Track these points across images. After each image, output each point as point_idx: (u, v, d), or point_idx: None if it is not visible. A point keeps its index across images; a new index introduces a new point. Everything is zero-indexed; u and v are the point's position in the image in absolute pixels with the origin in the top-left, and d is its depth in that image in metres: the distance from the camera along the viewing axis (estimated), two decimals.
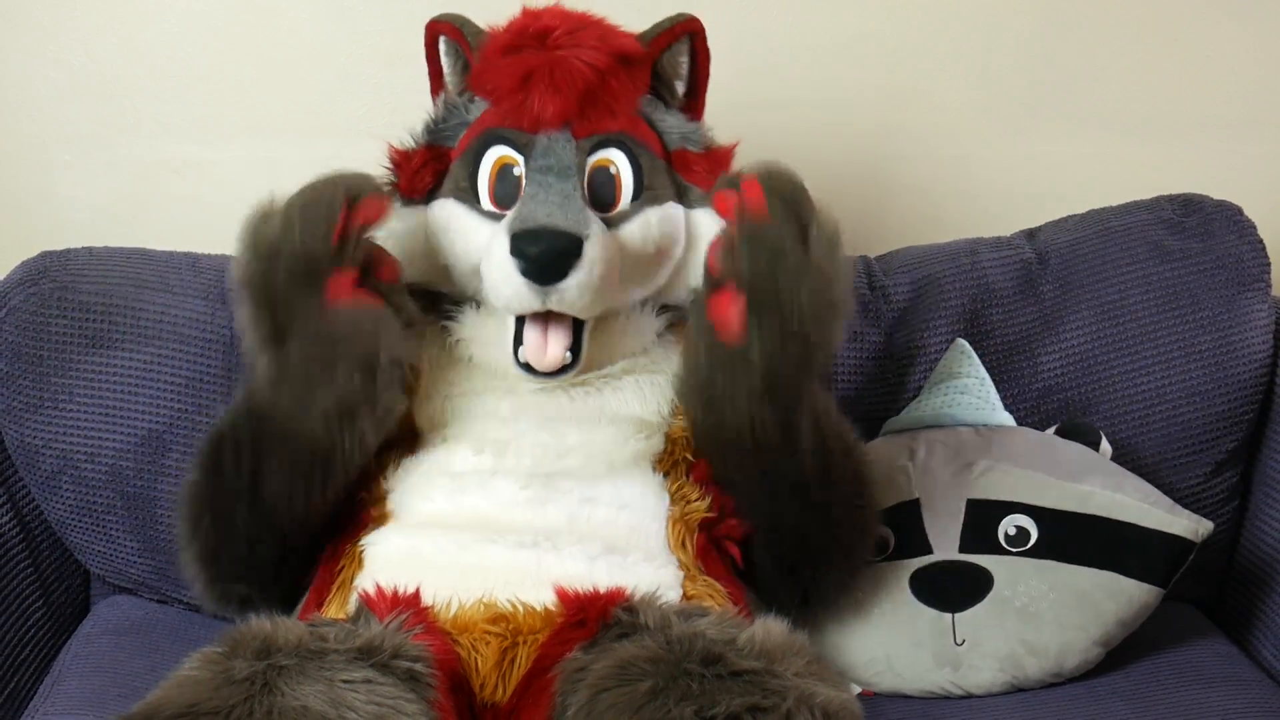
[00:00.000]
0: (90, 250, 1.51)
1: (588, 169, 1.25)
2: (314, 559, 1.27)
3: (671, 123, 1.32)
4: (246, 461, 1.19)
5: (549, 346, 1.22)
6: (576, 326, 1.23)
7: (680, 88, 1.34)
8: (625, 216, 1.26)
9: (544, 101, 1.24)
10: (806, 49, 1.73)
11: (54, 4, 1.70)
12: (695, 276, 1.30)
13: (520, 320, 1.24)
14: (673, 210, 1.29)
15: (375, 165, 1.35)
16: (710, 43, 1.33)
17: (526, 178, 1.24)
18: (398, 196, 1.33)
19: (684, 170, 1.31)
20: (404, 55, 1.40)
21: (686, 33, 1.32)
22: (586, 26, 1.27)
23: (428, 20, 1.35)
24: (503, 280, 1.19)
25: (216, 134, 1.74)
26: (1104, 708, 1.30)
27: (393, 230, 1.33)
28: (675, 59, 1.33)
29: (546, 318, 1.22)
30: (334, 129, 1.73)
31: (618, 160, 1.27)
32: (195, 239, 1.59)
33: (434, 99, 1.37)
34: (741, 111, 1.60)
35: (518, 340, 1.23)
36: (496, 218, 1.25)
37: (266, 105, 1.74)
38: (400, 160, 1.34)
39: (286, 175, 1.75)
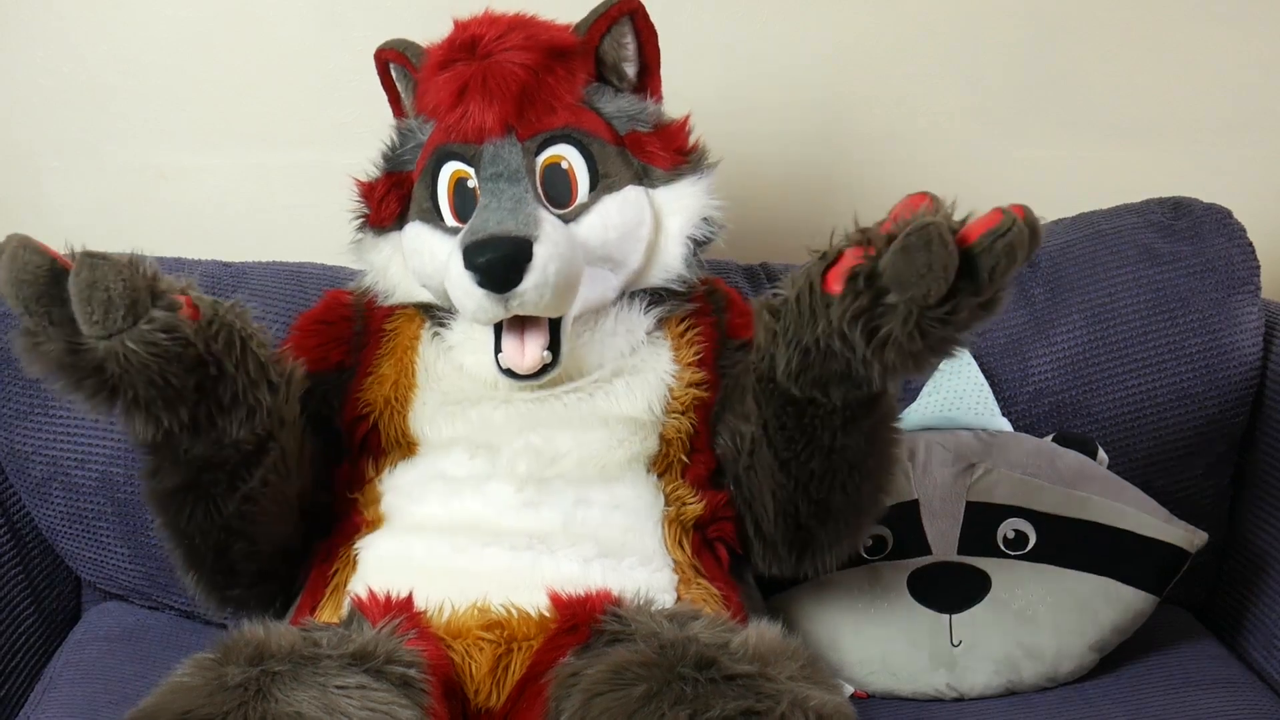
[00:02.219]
0: None
1: (539, 169, 1.25)
2: (305, 557, 1.28)
3: (618, 106, 1.31)
4: (165, 486, 1.18)
5: (526, 349, 1.22)
6: (555, 325, 1.23)
7: (629, 69, 1.33)
8: (583, 209, 1.26)
9: (482, 110, 1.24)
10: (796, 55, 1.73)
11: (43, 11, 1.70)
12: (670, 255, 1.30)
13: (499, 326, 1.23)
14: (632, 194, 1.28)
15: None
16: (700, 49, 1.33)
17: (480, 188, 1.24)
18: (369, 228, 1.34)
19: (639, 152, 1.30)
20: None
21: (624, 13, 1.30)
22: (515, 28, 1.27)
23: (375, 50, 1.36)
24: (464, 294, 1.19)
25: (205, 140, 1.74)
26: (1095, 711, 1.30)
27: (371, 262, 1.34)
28: (618, 42, 1.31)
29: (522, 321, 1.22)
30: (322, 136, 1.72)
31: (568, 155, 1.26)
32: (183, 245, 1.58)
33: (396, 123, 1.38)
34: (732, 118, 1.61)
35: (498, 347, 1.23)
36: (459, 233, 1.24)
37: (255, 112, 1.73)
38: (365, 192, 1.35)
39: (274, 181, 1.76)
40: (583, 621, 1.11)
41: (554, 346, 1.22)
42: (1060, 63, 1.75)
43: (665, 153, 1.31)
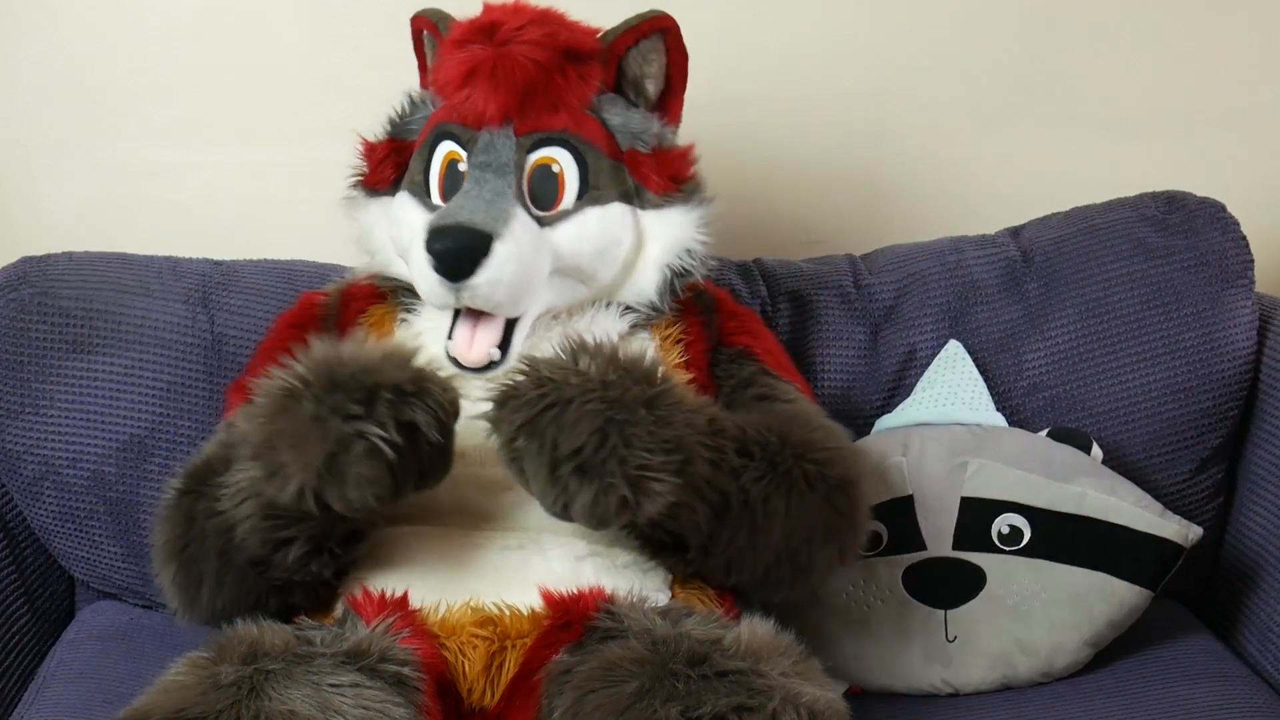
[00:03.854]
0: (70, 255, 1.51)
1: (528, 167, 1.24)
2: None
3: (624, 121, 1.29)
4: (217, 539, 1.16)
5: (475, 342, 1.21)
6: (512, 323, 1.23)
7: (651, 87, 1.32)
8: (563, 216, 1.25)
9: (484, 97, 1.23)
10: (790, 48, 1.73)
11: (34, 9, 1.70)
12: (645, 279, 1.29)
13: (456, 313, 1.23)
14: (616, 211, 1.27)
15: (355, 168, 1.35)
16: (693, 42, 1.32)
17: (468, 174, 1.24)
18: (362, 188, 1.34)
19: (634, 171, 1.29)
20: (386, 59, 1.39)
21: (655, 30, 1.29)
22: (538, 22, 1.26)
23: (410, 16, 1.36)
24: (420, 275, 1.19)
25: (197, 138, 1.74)
26: (1091, 705, 1.31)
27: (359, 221, 1.33)
28: (644, 56, 1.30)
29: (477, 313, 1.22)
30: (316, 132, 1.72)
31: (561, 159, 1.25)
32: (176, 243, 1.58)
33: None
34: (725, 111, 1.61)
35: (450, 334, 1.23)
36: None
37: (248, 109, 1.73)
38: (367, 151, 1.34)
39: (268, 179, 1.76)
40: (575, 619, 1.11)
41: (505, 344, 1.22)
42: (1054, 56, 1.75)
43: (658, 177, 1.29)
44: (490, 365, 1.21)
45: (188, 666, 1.05)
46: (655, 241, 1.29)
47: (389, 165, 1.32)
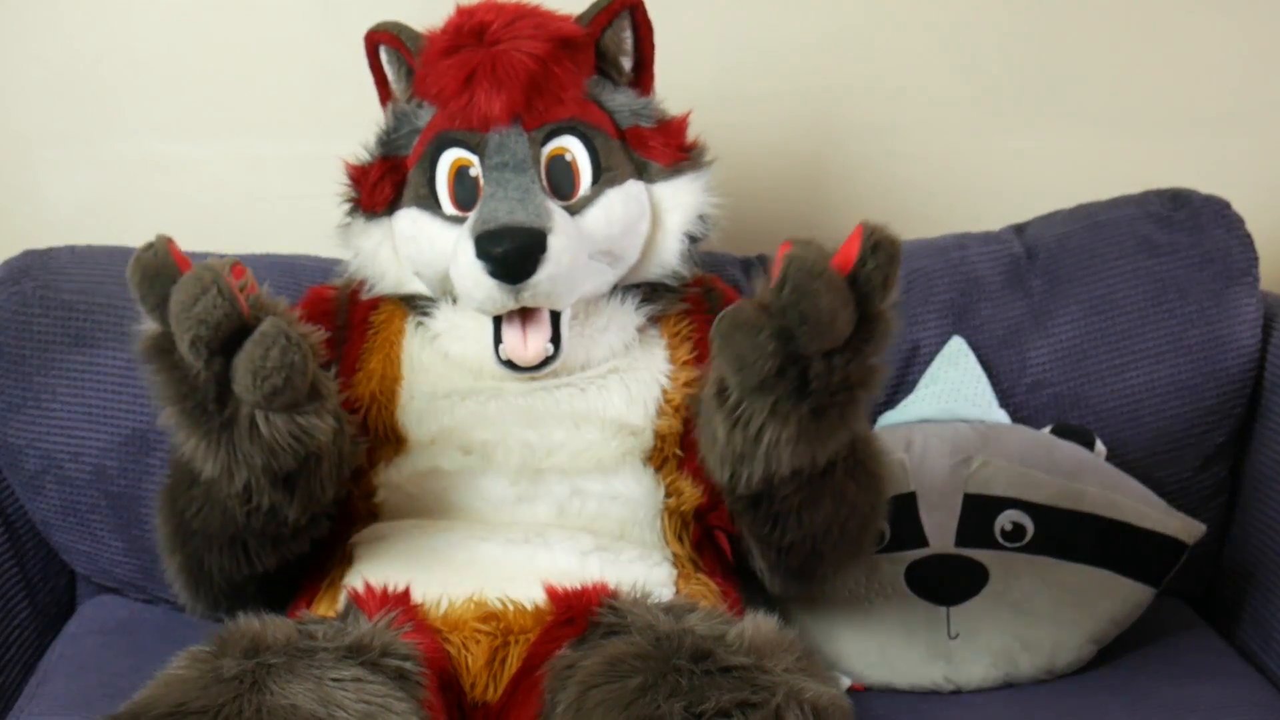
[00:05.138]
0: (73, 249, 1.51)
1: (544, 159, 1.25)
2: (303, 568, 1.27)
3: (621, 101, 1.31)
4: (199, 524, 1.18)
5: (529, 341, 1.21)
6: (554, 316, 1.23)
7: (626, 63, 1.33)
8: (587, 202, 1.25)
9: (490, 98, 1.23)
10: (792, 44, 1.73)
11: (37, 1, 1.69)
12: (668, 251, 1.31)
13: (498, 318, 1.23)
14: (633, 188, 1.28)
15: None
16: (696, 39, 1.32)
17: (484, 177, 1.24)
18: (360, 213, 1.33)
19: (640, 147, 1.30)
20: None
21: (625, 7, 1.30)
22: (523, 16, 1.26)
23: (365, 32, 1.35)
24: (473, 284, 1.18)
25: (200, 131, 1.74)
26: (1093, 702, 1.30)
27: (359, 248, 1.33)
28: (618, 35, 1.31)
29: (524, 312, 1.22)
30: (318, 126, 1.72)
31: (572, 147, 1.26)
32: (179, 237, 1.56)
33: (384, 109, 1.37)
34: (727, 107, 1.60)
35: (498, 339, 1.23)
36: (460, 221, 1.24)
37: (250, 102, 1.73)
38: (357, 176, 1.34)
39: (270, 172, 1.76)
40: (579, 614, 1.12)
41: (554, 339, 1.22)
42: (1058, 53, 1.75)
43: (667, 149, 1.31)
44: (545, 362, 1.22)
45: (189, 660, 1.05)
46: (673, 212, 1.30)
47: (386, 185, 1.31)
